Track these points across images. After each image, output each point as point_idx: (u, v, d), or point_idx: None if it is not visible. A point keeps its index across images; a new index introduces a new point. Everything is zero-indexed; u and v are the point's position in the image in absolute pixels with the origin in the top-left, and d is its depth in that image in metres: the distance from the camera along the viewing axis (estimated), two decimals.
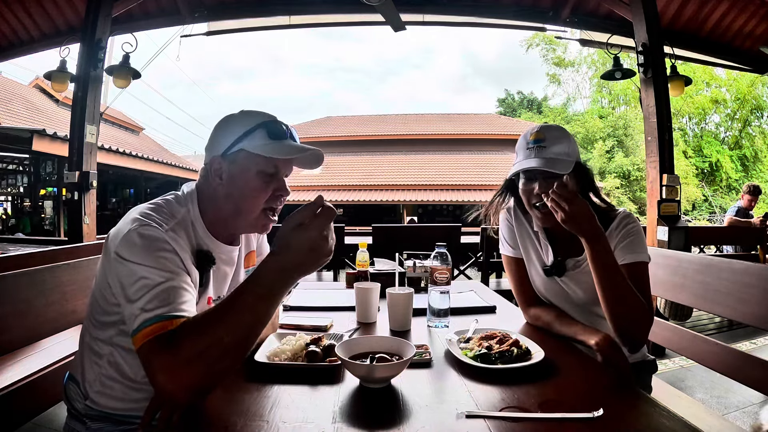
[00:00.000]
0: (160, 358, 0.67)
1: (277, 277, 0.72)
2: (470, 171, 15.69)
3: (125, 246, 0.77)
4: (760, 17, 3.80)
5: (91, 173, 3.32)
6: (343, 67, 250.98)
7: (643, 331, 1.05)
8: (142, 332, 0.70)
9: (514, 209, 1.33)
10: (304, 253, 0.72)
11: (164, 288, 0.74)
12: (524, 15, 4.06)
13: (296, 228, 0.73)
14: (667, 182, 3.11)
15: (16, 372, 1.37)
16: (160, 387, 0.67)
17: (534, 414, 0.72)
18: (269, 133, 0.90)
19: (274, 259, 0.73)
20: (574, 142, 1.17)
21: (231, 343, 0.69)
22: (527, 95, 28.40)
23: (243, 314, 0.71)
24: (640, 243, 1.12)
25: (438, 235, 3.20)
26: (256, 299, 0.71)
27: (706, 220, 17.55)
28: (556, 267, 1.21)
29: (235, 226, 0.96)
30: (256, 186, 0.90)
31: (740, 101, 18.78)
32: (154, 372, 0.67)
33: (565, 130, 1.18)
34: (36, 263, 1.57)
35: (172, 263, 0.78)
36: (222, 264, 0.96)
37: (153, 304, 0.72)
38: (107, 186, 12.23)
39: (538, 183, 1.14)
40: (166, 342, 0.69)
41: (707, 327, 3.58)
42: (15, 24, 3.90)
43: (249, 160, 0.90)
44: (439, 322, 1.22)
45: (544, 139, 1.14)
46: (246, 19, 4.23)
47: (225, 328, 0.69)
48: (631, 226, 1.13)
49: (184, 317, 0.72)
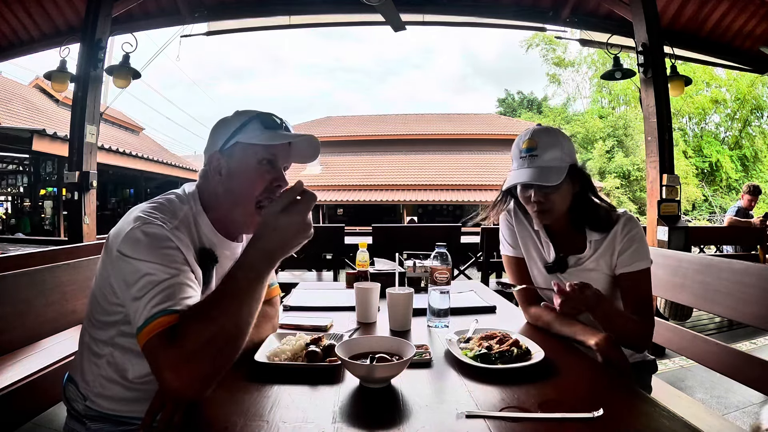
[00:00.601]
0: (166, 354, 0.68)
1: (265, 260, 0.75)
2: (470, 171, 15.69)
3: (129, 244, 0.78)
4: (760, 17, 3.80)
5: (91, 173, 3.31)
6: (343, 67, 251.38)
7: (645, 345, 1.14)
8: (147, 328, 0.71)
9: (514, 210, 1.34)
10: (288, 237, 0.75)
11: (169, 284, 0.75)
12: (524, 15, 4.06)
13: (280, 213, 0.75)
14: (667, 182, 3.11)
15: (16, 372, 1.37)
16: (167, 383, 0.67)
17: (534, 414, 0.72)
18: (263, 123, 0.92)
19: (260, 244, 0.76)
20: (568, 144, 1.17)
21: (233, 329, 0.72)
22: (527, 95, 28.40)
23: (239, 299, 0.73)
24: (643, 249, 1.15)
25: (438, 235, 3.20)
26: (248, 283, 0.74)
27: (706, 220, 17.56)
28: (558, 264, 1.22)
29: (233, 221, 0.96)
30: (253, 175, 0.91)
31: (740, 101, 18.79)
32: (160, 368, 0.68)
33: (557, 133, 1.18)
34: (36, 263, 1.57)
35: (177, 260, 0.79)
36: (226, 260, 0.96)
37: (157, 300, 0.73)
38: (107, 186, 12.23)
39: (533, 191, 1.16)
40: (170, 337, 0.69)
41: (707, 327, 3.58)
42: (15, 24, 3.90)
43: (246, 150, 0.91)
44: (439, 322, 1.22)
45: (536, 147, 1.15)
46: (246, 19, 4.23)
47: (226, 315, 0.72)
48: (635, 232, 1.15)
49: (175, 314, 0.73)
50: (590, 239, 1.19)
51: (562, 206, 1.18)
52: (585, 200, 1.20)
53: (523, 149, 1.16)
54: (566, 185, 1.15)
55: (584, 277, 1.18)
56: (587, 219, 1.20)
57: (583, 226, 1.21)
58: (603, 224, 1.18)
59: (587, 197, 1.20)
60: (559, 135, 1.18)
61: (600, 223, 1.18)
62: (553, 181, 1.10)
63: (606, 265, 1.18)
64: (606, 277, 1.19)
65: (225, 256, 0.96)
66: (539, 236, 1.28)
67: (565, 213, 1.21)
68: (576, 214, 1.21)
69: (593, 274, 1.19)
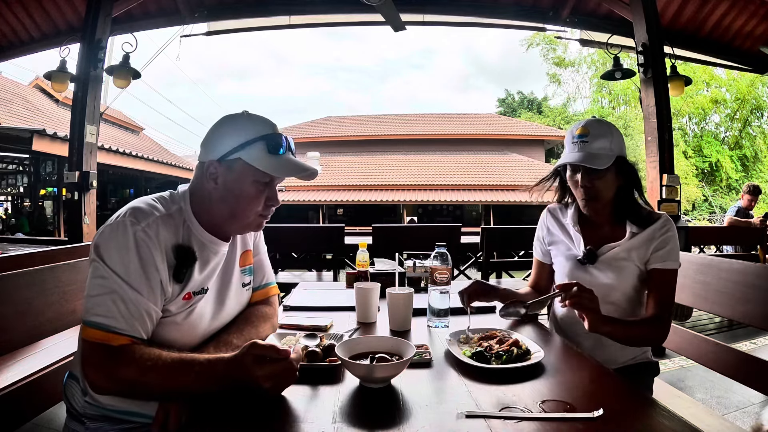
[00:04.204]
0: (99, 366, 0.79)
1: (223, 378, 0.78)
2: (470, 171, 15.68)
3: (97, 239, 0.84)
4: (760, 17, 3.80)
5: (91, 173, 3.31)
6: (344, 66, 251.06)
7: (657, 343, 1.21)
8: (88, 330, 0.79)
9: (553, 208, 1.41)
10: (250, 379, 0.77)
11: (116, 298, 0.80)
12: (524, 15, 4.06)
13: (261, 360, 0.77)
14: (667, 182, 3.11)
15: (16, 372, 1.36)
16: (89, 380, 0.80)
17: (534, 414, 0.72)
18: (268, 146, 0.92)
19: (232, 366, 0.78)
20: (618, 137, 1.22)
21: (156, 391, 0.80)
22: (527, 95, 28.40)
23: (180, 381, 0.79)
24: (677, 251, 1.19)
25: (438, 235, 3.20)
26: (195, 378, 0.78)
27: (706, 220, 17.56)
28: (588, 256, 1.26)
29: (229, 228, 0.98)
30: (250, 195, 0.93)
31: (740, 101, 18.78)
32: (89, 369, 0.79)
33: (610, 126, 1.23)
34: (36, 263, 1.56)
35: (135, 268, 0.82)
36: (214, 259, 0.97)
37: (102, 309, 0.79)
38: (107, 186, 12.24)
39: (581, 174, 1.22)
40: (107, 355, 0.78)
41: (707, 327, 3.58)
42: (15, 24, 3.90)
43: (245, 169, 0.92)
44: (439, 322, 1.22)
45: (587, 134, 1.20)
46: (246, 19, 4.23)
47: (161, 380, 0.78)
48: (673, 233, 1.20)
49: (127, 337, 0.79)
50: (630, 230, 1.22)
51: (606, 195, 1.23)
52: (629, 195, 1.25)
53: (576, 135, 1.22)
54: (612, 175, 1.21)
55: (615, 267, 1.23)
56: (629, 213, 1.24)
57: (623, 219, 1.24)
58: (643, 220, 1.22)
59: (631, 193, 1.25)
60: (611, 128, 1.23)
61: (641, 218, 1.22)
62: (599, 165, 1.16)
63: (639, 257, 1.20)
64: (636, 269, 1.21)
65: (213, 255, 0.97)
66: (570, 232, 1.33)
67: (609, 204, 1.26)
68: (619, 208, 1.26)
69: (624, 263, 1.21)
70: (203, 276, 0.95)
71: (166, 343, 0.85)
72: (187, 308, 0.91)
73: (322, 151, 17.18)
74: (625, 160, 1.23)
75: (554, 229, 1.39)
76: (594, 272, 1.25)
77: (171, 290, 0.88)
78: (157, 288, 0.84)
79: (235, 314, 1.05)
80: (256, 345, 0.78)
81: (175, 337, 0.89)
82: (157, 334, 0.86)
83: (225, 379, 0.77)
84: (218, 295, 0.99)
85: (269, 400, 0.77)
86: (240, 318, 1.05)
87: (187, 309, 0.91)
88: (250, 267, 1.11)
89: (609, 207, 1.27)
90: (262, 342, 0.79)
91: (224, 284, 1.01)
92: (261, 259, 1.16)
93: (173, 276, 0.88)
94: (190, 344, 0.92)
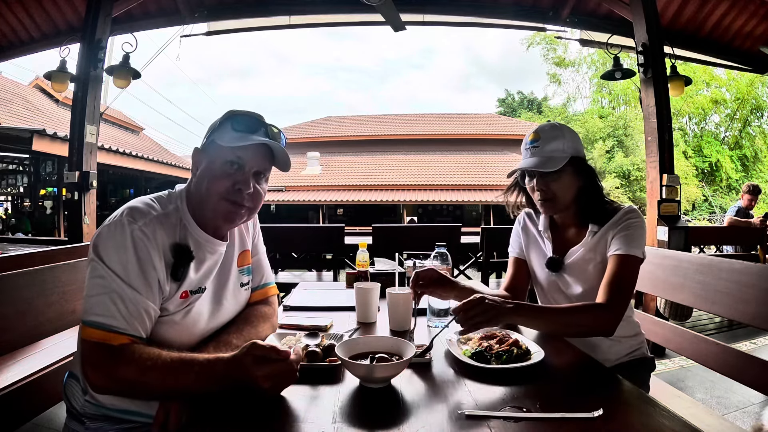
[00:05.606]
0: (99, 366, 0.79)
1: (223, 378, 0.78)
2: (470, 171, 15.69)
3: (96, 239, 0.84)
4: (760, 17, 3.80)
5: (91, 173, 3.31)
6: (344, 66, 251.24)
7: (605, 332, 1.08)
8: (88, 330, 0.79)
9: (528, 214, 1.41)
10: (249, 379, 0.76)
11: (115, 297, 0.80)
12: (524, 15, 4.06)
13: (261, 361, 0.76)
14: (667, 182, 3.11)
15: (16, 372, 1.36)
16: (89, 380, 0.80)
17: (534, 414, 0.72)
18: (233, 125, 0.94)
19: (232, 366, 0.77)
20: (572, 137, 1.21)
21: (156, 391, 0.80)
22: (527, 95, 28.40)
23: (180, 380, 0.79)
24: (636, 238, 1.13)
25: (438, 235, 3.20)
26: (195, 378, 0.78)
27: (706, 220, 17.55)
28: (552, 263, 1.27)
29: (204, 216, 0.95)
30: (216, 175, 0.93)
31: (740, 101, 18.77)
32: (89, 369, 0.79)
33: (560, 128, 1.23)
34: (36, 263, 1.57)
35: (133, 267, 0.82)
36: (211, 258, 0.97)
37: (101, 309, 0.79)
38: (107, 186, 12.24)
39: (536, 180, 1.22)
40: (107, 355, 0.78)
41: (707, 327, 3.58)
42: (15, 24, 3.90)
43: (214, 149, 0.94)
44: (439, 322, 1.22)
45: (539, 138, 1.21)
46: (246, 19, 4.23)
47: (161, 380, 0.78)
48: (633, 221, 1.16)
49: (126, 336, 0.80)
50: (591, 229, 1.21)
51: (564, 197, 1.21)
52: (590, 195, 1.23)
53: (528, 141, 1.23)
54: (568, 176, 1.20)
55: (583, 270, 1.22)
56: (592, 214, 1.22)
57: (587, 222, 1.23)
58: (606, 216, 1.20)
59: (593, 192, 1.23)
60: (564, 129, 1.22)
61: (604, 215, 1.20)
62: (550, 167, 1.16)
63: (601, 253, 1.19)
64: (602, 266, 1.18)
65: (210, 254, 0.97)
66: (543, 237, 1.32)
67: (571, 207, 1.24)
68: (582, 209, 1.24)
69: (590, 268, 1.21)
70: (200, 275, 0.95)
71: (164, 343, 0.85)
72: (184, 307, 0.91)
73: (322, 151, 17.18)
74: (582, 160, 1.22)
75: (530, 233, 1.39)
76: (567, 278, 1.26)
77: (168, 289, 0.88)
78: (155, 287, 0.85)
79: (233, 314, 1.05)
80: (256, 345, 0.77)
81: (174, 336, 0.89)
82: (155, 333, 0.87)
83: (225, 379, 0.77)
84: (216, 295, 0.99)
85: (269, 400, 0.77)
86: (239, 318, 1.06)
87: (185, 308, 0.91)
88: (249, 267, 1.11)
89: (573, 209, 1.25)
90: (263, 342, 0.79)
91: (222, 284, 1.01)
92: (260, 259, 1.16)
93: (170, 275, 0.88)
94: (189, 343, 0.92)
